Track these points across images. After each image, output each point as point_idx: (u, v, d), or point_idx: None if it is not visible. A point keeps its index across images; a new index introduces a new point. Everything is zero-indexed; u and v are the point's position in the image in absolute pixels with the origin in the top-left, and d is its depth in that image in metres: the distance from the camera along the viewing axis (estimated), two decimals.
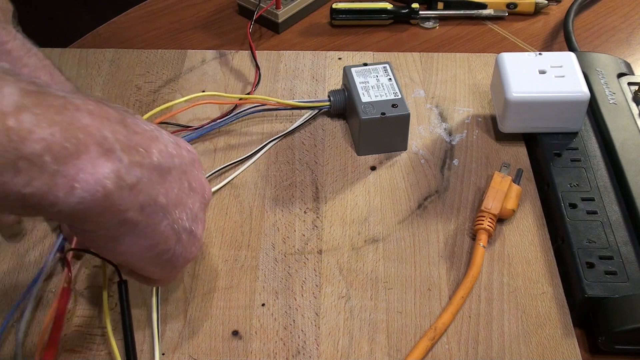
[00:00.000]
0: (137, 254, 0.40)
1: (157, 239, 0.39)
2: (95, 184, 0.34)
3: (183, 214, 0.41)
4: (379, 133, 0.57)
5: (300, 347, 0.46)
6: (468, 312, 0.48)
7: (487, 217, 0.52)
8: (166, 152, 0.39)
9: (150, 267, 0.42)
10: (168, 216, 0.40)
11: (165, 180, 0.39)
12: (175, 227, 0.40)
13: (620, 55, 0.68)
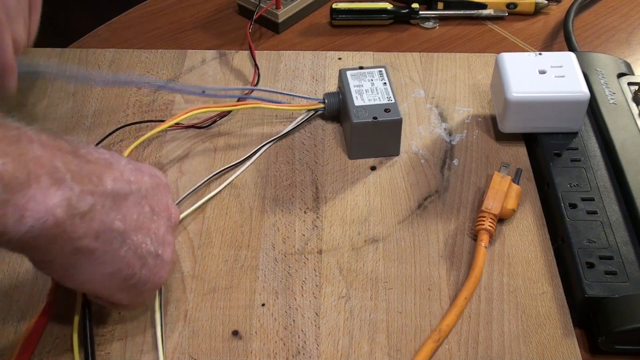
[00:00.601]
0: (100, 281, 0.40)
1: (118, 265, 0.40)
2: (46, 212, 0.35)
3: (146, 238, 0.42)
4: (371, 137, 0.57)
5: (300, 347, 0.46)
6: (468, 312, 0.48)
7: (487, 218, 0.52)
8: (121, 179, 0.40)
9: (118, 294, 0.42)
10: (128, 241, 0.40)
11: (122, 206, 0.40)
12: (138, 252, 0.41)
13: (620, 55, 0.68)
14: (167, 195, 0.45)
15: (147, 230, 0.42)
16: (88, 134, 0.60)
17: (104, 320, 0.47)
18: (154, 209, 0.43)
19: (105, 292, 0.42)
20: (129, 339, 0.46)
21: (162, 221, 0.43)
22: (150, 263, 0.42)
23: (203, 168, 0.57)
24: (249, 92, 0.64)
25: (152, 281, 0.43)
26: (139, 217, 0.41)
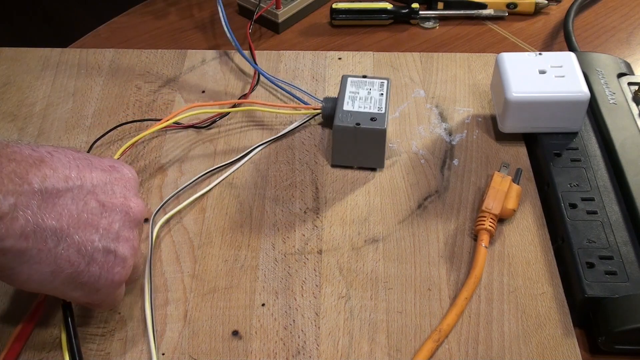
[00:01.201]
0: (42, 280, 0.39)
1: (58, 263, 0.39)
2: None
3: (93, 235, 0.41)
4: (353, 144, 0.56)
5: (300, 347, 0.46)
6: (468, 312, 0.48)
7: (488, 218, 0.52)
8: (53, 177, 0.39)
9: (70, 292, 0.42)
10: (67, 239, 0.39)
11: (56, 204, 0.39)
12: (81, 250, 0.40)
13: (620, 55, 0.68)
14: (129, 190, 0.44)
15: (93, 227, 0.41)
16: (88, 134, 0.60)
17: (104, 320, 0.47)
18: (105, 204, 0.42)
19: (54, 291, 0.41)
20: (129, 339, 0.46)
21: (117, 216, 0.42)
22: (100, 260, 0.41)
23: (203, 168, 0.57)
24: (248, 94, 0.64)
25: (106, 278, 0.42)
26: (80, 213, 0.40)
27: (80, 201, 0.40)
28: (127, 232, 0.43)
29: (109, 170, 0.43)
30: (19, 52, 0.68)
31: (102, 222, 0.41)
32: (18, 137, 0.60)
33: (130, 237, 0.43)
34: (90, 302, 0.44)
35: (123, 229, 0.43)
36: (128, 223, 0.43)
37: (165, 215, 0.53)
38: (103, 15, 0.75)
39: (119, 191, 0.43)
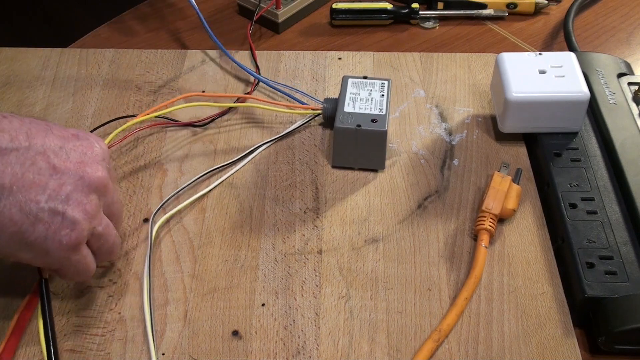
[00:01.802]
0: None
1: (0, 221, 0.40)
2: None
3: (39, 195, 0.41)
4: (354, 146, 0.56)
5: (300, 347, 0.46)
6: (468, 312, 0.48)
7: (488, 217, 0.52)
8: None
9: (19, 253, 0.42)
10: (9, 197, 0.40)
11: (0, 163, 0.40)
12: (24, 209, 0.40)
13: (620, 55, 0.68)
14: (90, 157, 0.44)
15: (40, 187, 0.41)
16: None
17: (104, 320, 0.47)
18: (56, 166, 0.42)
19: (4, 251, 0.42)
20: (129, 339, 0.46)
21: (69, 179, 0.42)
22: (46, 220, 0.41)
23: (203, 168, 0.57)
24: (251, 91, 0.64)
25: (52, 239, 0.42)
26: (26, 173, 0.41)
27: (27, 161, 0.41)
28: (79, 195, 0.43)
29: (69, 138, 0.44)
30: (19, 52, 0.68)
31: (50, 183, 0.42)
32: None
33: (83, 201, 0.43)
34: (47, 267, 0.44)
35: (75, 192, 0.43)
36: (82, 187, 0.43)
37: (165, 215, 0.53)
38: (103, 15, 0.75)
39: (75, 156, 0.43)
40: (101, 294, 0.49)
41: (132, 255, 0.51)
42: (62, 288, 0.49)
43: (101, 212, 0.45)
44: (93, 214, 0.43)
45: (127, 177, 0.57)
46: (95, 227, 0.44)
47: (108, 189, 0.45)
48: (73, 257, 0.43)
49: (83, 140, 0.45)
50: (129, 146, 0.59)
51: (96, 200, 0.44)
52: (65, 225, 0.42)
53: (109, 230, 0.46)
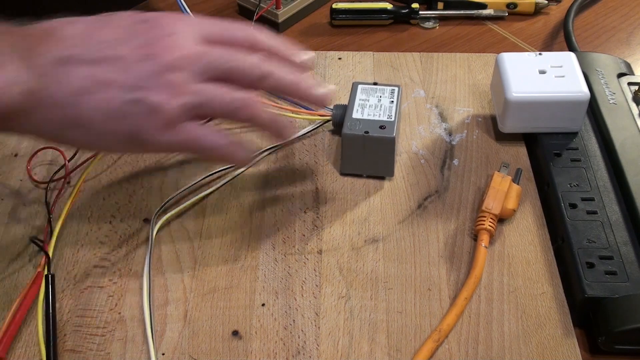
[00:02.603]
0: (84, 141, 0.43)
1: (87, 124, 0.41)
2: None
3: (112, 92, 0.41)
4: (362, 152, 0.55)
5: (300, 347, 0.46)
6: (468, 312, 0.48)
7: (488, 217, 0.52)
8: (63, 45, 0.41)
9: (130, 149, 0.46)
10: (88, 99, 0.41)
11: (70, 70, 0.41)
12: (103, 108, 0.41)
13: (620, 55, 0.68)
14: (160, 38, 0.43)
15: (113, 83, 0.41)
16: None
17: (104, 320, 0.47)
18: (124, 58, 0.42)
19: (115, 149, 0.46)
20: (129, 339, 0.46)
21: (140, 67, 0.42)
22: (129, 111, 0.42)
23: (204, 168, 0.57)
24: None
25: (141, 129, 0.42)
26: (96, 72, 0.41)
27: (94, 60, 0.41)
28: (153, 78, 0.42)
29: (130, 25, 0.43)
30: None
31: (121, 76, 0.42)
32: (18, 137, 0.60)
33: (160, 83, 0.42)
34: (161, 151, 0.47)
35: (149, 77, 0.42)
36: (153, 70, 0.42)
37: (166, 215, 0.53)
38: None
39: (138, 42, 0.43)
40: (101, 294, 0.49)
41: (132, 255, 0.51)
42: (62, 288, 0.49)
43: (193, 84, 0.43)
44: (178, 91, 0.42)
45: (127, 177, 0.57)
46: (186, 101, 0.43)
47: (189, 61, 0.43)
48: (175, 138, 0.43)
49: (151, 22, 0.44)
50: None
51: (179, 77, 0.42)
52: (147, 112, 0.42)
53: (213, 94, 0.44)
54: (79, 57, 0.41)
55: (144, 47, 0.42)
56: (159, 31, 0.43)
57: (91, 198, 0.55)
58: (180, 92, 0.42)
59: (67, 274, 0.50)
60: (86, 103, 0.41)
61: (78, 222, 0.54)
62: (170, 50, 0.43)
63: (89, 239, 0.53)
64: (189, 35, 0.44)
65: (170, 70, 0.42)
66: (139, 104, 0.42)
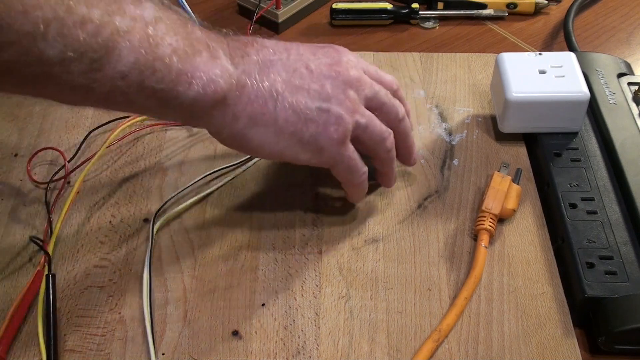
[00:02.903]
0: (270, 142, 0.46)
1: (279, 124, 0.45)
2: (208, 80, 0.42)
3: (305, 97, 0.46)
4: None
5: (300, 347, 0.46)
6: (468, 312, 0.48)
7: (488, 217, 0.52)
8: (265, 50, 0.46)
9: (299, 155, 0.47)
10: (283, 101, 0.45)
11: (270, 71, 0.46)
12: (296, 110, 0.46)
13: (620, 55, 0.68)
14: (340, 60, 0.48)
15: (304, 90, 0.46)
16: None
17: (105, 320, 0.47)
18: (314, 70, 0.47)
19: (285, 153, 0.47)
20: (129, 339, 0.46)
21: (327, 80, 0.47)
22: (316, 118, 0.46)
23: (203, 168, 0.57)
24: None
25: (324, 135, 0.46)
26: (291, 79, 0.46)
27: (290, 68, 0.47)
28: (338, 92, 0.47)
29: (317, 48, 0.49)
30: None
31: (312, 85, 0.47)
32: (18, 137, 0.60)
33: (342, 98, 0.47)
34: (323, 165, 0.49)
35: (334, 90, 0.47)
36: (338, 85, 0.47)
37: (166, 215, 0.53)
38: None
39: (326, 60, 0.48)
40: (101, 294, 0.49)
41: (133, 255, 0.51)
42: (63, 288, 0.49)
43: (361, 105, 0.48)
44: (354, 108, 0.47)
45: (127, 177, 0.57)
46: (357, 120, 0.48)
47: (363, 84, 0.49)
48: (344, 152, 0.48)
49: (329, 48, 0.50)
50: (129, 146, 0.59)
51: (354, 95, 0.48)
52: (332, 121, 0.46)
53: (373, 121, 0.49)
54: (280, 63, 0.46)
55: (332, 65, 0.48)
56: (339, 55, 0.49)
57: (91, 198, 0.55)
58: (355, 110, 0.48)
59: (67, 274, 0.50)
60: (281, 102, 0.45)
61: (78, 222, 0.54)
62: (350, 70, 0.48)
63: (89, 239, 0.53)
64: (357, 64, 0.50)
65: (350, 88, 0.48)
66: (327, 112, 0.46)
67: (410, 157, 0.54)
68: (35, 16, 0.34)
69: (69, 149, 0.59)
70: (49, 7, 0.35)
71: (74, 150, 0.58)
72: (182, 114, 0.44)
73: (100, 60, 0.38)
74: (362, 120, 0.48)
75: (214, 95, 0.42)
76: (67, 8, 0.36)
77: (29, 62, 0.36)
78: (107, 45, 0.37)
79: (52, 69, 0.36)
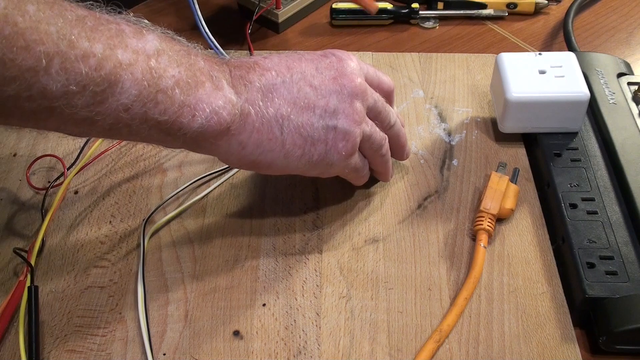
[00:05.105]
0: (281, 164, 0.46)
1: (287, 148, 0.46)
2: (211, 112, 0.42)
3: (311, 117, 0.46)
4: None
5: (301, 347, 0.46)
6: (468, 312, 0.48)
7: (486, 218, 0.52)
8: (268, 74, 0.46)
9: (309, 171, 0.48)
10: (289, 125, 0.45)
11: (274, 96, 0.45)
12: (303, 132, 0.46)
13: (620, 55, 0.68)
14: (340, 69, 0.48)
15: (310, 109, 0.46)
16: None
17: (105, 320, 0.47)
18: (317, 87, 0.47)
19: (296, 171, 0.48)
20: (130, 339, 0.46)
21: (331, 95, 0.47)
22: (324, 138, 0.46)
23: (203, 168, 0.57)
24: None
25: (333, 152, 0.47)
26: (296, 100, 0.46)
27: (294, 89, 0.46)
28: (344, 106, 0.47)
29: (319, 59, 0.48)
30: None
31: (317, 103, 0.46)
32: (17, 138, 0.60)
33: (349, 111, 0.47)
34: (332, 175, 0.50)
35: (340, 104, 0.47)
36: (343, 98, 0.47)
37: (166, 215, 0.53)
38: None
39: (329, 73, 0.47)
40: (102, 294, 0.49)
41: (132, 255, 0.51)
42: (63, 288, 0.49)
43: (365, 115, 0.49)
44: (360, 120, 0.48)
45: (127, 177, 0.57)
46: (364, 130, 0.48)
47: (367, 93, 0.48)
48: (351, 161, 0.49)
49: (331, 57, 0.49)
50: (129, 146, 0.59)
51: (360, 106, 0.48)
52: (340, 137, 0.47)
53: (375, 129, 0.50)
54: (283, 86, 0.46)
55: (336, 79, 0.47)
56: (342, 65, 0.48)
57: (91, 198, 0.55)
58: (361, 120, 0.48)
59: (67, 274, 0.50)
60: (287, 127, 0.45)
61: (78, 223, 0.54)
62: (355, 80, 0.48)
63: (89, 239, 0.52)
64: (359, 71, 0.49)
65: (356, 99, 0.48)
66: (335, 130, 0.47)
67: (402, 155, 0.55)
68: (38, 51, 0.35)
69: (68, 150, 0.59)
70: (52, 42, 0.35)
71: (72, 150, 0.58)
72: (187, 143, 0.44)
73: (103, 93, 0.38)
74: (367, 130, 0.49)
75: (217, 126, 0.43)
76: (69, 43, 0.36)
77: (32, 96, 0.36)
78: (110, 79, 0.38)
79: (55, 102, 0.37)
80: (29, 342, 0.45)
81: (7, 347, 0.46)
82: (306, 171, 0.48)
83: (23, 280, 0.48)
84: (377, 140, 0.50)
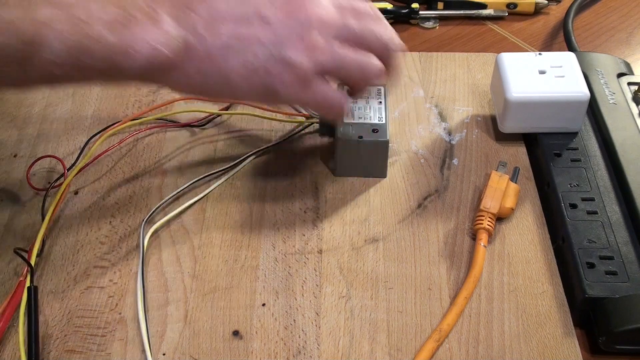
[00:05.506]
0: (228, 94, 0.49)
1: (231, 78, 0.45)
2: (151, 49, 0.41)
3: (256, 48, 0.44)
4: (356, 156, 0.55)
5: (300, 347, 0.46)
6: (468, 312, 0.48)
7: (486, 217, 0.52)
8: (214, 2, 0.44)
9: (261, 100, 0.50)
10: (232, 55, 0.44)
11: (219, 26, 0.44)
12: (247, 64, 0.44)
13: (620, 55, 0.68)
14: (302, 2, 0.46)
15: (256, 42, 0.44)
16: (87, 134, 0.60)
17: (105, 320, 0.47)
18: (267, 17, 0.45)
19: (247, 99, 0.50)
20: (130, 339, 0.46)
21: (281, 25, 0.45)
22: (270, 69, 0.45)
23: (203, 168, 0.57)
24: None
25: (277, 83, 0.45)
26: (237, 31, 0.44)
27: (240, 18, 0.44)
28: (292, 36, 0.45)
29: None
30: None
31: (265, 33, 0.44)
32: (17, 138, 0.60)
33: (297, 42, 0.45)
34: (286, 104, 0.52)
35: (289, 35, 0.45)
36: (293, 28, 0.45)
37: (166, 215, 0.53)
38: None
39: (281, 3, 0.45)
40: (102, 294, 0.49)
41: (132, 255, 0.51)
42: (63, 288, 0.49)
43: (329, 43, 0.46)
44: (312, 49, 0.45)
45: (127, 177, 0.57)
46: (321, 61, 0.46)
47: (328, 23, 0.46)
48: (306, 94, 0.47)
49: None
50: (129, 146, 0.59)
51: (317, 37, 0.45)
52: (285, 69, 0.45)
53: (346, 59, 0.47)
54: (229, 14, 0.44)
55: (287, 7, 0.45)
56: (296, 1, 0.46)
57: (91, 198, 0.55)
58: (319, 52, 0.46)
59: (67, 274, 0.50)
60: (232, 58, 0.44)
61: (78, 223, 0.54)
62: (311, 11, 0.46)
63: (89, 239, 0.52)
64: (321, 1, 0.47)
65: (311, 31, 0.45)
66: (280, 62, 0.45)
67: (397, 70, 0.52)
68: None
69: (68, 151, 0.59)
70: None
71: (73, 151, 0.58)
72: (133, 81, 0.44)
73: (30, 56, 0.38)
74: (331, 62, 0.46)
75: (159, 63, 0.42)
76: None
77: None
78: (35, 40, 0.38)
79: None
80: (29, 342, 0.45)
81: (7, 347, 0.46)
82: (256, 100, 0.49)
83: (23, 281, 0.48)
84: (354, 68, 0.48)
